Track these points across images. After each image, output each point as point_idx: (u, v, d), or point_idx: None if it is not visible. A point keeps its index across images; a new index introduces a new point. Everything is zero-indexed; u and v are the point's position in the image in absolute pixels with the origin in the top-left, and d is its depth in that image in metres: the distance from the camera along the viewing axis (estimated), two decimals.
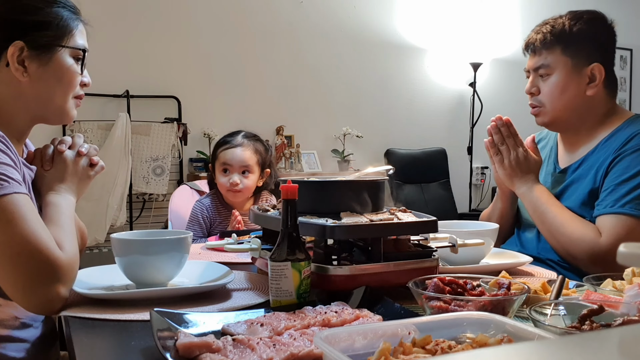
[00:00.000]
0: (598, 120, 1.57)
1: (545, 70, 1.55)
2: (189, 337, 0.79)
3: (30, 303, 1.03)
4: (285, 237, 1.01)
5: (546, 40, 1.54)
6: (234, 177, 2.05)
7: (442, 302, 0.88)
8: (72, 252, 1.08)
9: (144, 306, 1.01)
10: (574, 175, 1.56)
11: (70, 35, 1.19)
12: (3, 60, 1.14)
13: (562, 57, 1.53)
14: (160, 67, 3.84)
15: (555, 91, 1.54)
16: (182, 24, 3.90)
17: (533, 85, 1.59)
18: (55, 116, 1.23)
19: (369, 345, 0.70)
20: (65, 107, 1.22)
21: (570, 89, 1.54)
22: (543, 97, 1.57)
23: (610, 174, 1.47)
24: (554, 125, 1.62)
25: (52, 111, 1.21)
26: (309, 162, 4.23)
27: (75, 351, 0.84)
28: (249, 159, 2.08)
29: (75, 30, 1.20)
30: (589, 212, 1.49)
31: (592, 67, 1.53)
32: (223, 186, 2.08)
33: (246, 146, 2.09)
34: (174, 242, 1.14)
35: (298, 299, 1.00)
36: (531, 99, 1.60)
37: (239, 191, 2.06)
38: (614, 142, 1.51)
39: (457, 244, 1.22)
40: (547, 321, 0.85)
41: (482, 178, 4.93)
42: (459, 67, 4.78)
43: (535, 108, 1.60)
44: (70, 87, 1.21)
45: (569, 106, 1.55)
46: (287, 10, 4.24)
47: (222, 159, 2.08)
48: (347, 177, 1.26)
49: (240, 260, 1.47)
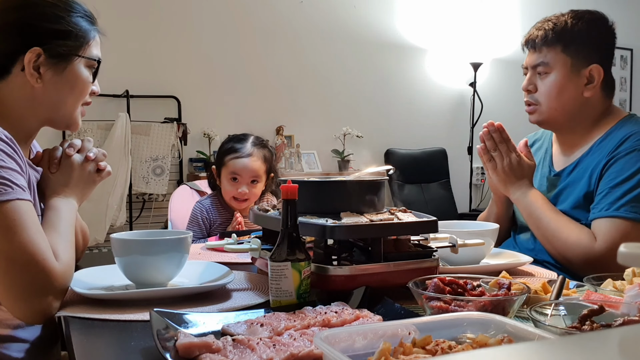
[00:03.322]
0: (593, 121, 1.56)
1: (544, 68, 1.54)
2: (188, 337, 0.79)
3: (21, 312, 1.03)
4: (285, 237, 1.01)
5: (547, 37, 1.53)
6: (243, 188, 2.02)
7: (442, 303, 0.87)
8: (66, 260, 1.08)
9: (144, 306, 1.01)
10: (569, 178, 1.55)
11: (87, 45, 1.20)
12: (19, 64, 1.15)
13: (562, 55, 1.52)
14: (160, 67, 3.84)
15: (553, 91, 1.53)
16: (182, 24, 3.90)
17: (530, 83, 1.57)
18: (64, 122, 1.24)
19: (369, 346, 0.70)
20: (74, 114, 1.23)
21: (568, 89, 1.53)
22: (540, 95, 1.56)
23: (604, 176, 1.45)
24: (548, 124, 1.61)
25: (61, 117, 1.22)
26: (309, 162, 4.23)
27: (75, 351, 0.83)
28: (259, 169, 2.05)
29: (92, 40, 1.21)
30: (584, 215, 1.48)
31: (591, 68, 1.52)
32: (229, 194, 2.05)
33: (256, 156, 2.05)
34: (174, 242, 1.14)
35: (298, 299, 1.00)
36: (527, 96, 1.59)
37: (245, 200, 2.04)
38: (608, 143, 1.50)
39: (457, 244, 1.22)
40: (548, 321, 0.85)
41: (482, 178, 4.93)
42: (459, 67, 4.78)
43: (530, 106, 1.58)
44: (82, 96, 1.23)
45: (565, 106, 1.54)
46: (287, 10, 4.24)
47: (232, 168, 2.04)
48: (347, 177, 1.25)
49: (240, 260, 1.47)
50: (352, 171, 4.04)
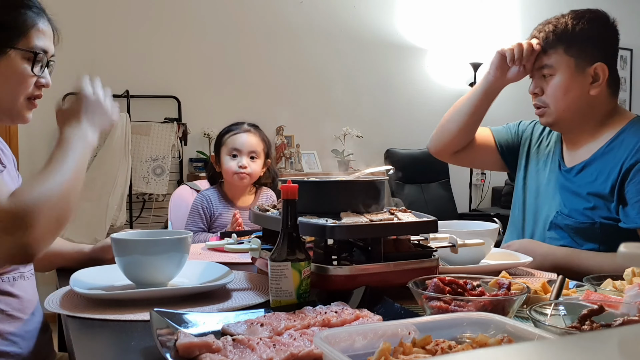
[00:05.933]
0: (601, 118, 1.56)
1: (548, 71, 1.54)
2: (189, 337, 0.79)
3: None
4: (285, 237, 1.01)
5: (549, 40, 1.53)
6: (243, 161, 2.10)
7: (442, 302, 0.88)
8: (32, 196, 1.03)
9: (144, 306, 1.01)
10: (579, 177, 1.55)
11: (25, 36, 1.16)
12: None
13: (565, 57, 1.52)
14: (160, 67, 3.84)
15: (559, 92, 1.53)
16: (182, 24, 3.90)
17: (537, 86, 1.58)
18: (6, 116, 1.21)
19: (369, 346, 0.70)
20: (15, 108, 1.20)
21: (573, 89, 1.53)
22: (547, 97, 1.56)
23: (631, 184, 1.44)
24: (558, 126, 1.61)
25: (1, 111, 1.20)
26: (309, 162, 4.22)
27: (75, 351, 0.84)
28: (257, 144, 2.16)
29: (32, 31, 1.17)
30: (595, 215, 1.48)
31: (596, 67, 1.51)
32: (230, 171, 2.11)
33: (253, 132, 2.19)
34: (174, 242, 1.14)
35: (298, 299, 1.00)
36: (535, 100, 1.59)
37: (246, 175, 2.11)
38: (622, 146, 1.49)
39: (457, 244, 1.22)
40: (547, 321, 0.85)
41: (482, 178, 4.92)
42: (459, 67, 4.78)
43: (539, 109, 1.59)
44: (20, 89, 1.18)
45: (572, 106, 1.54)
46: (287, 10, 4.24)
47: (231, 144, 2.14)
48: (347, 177, 1.25)
49: (240, 260, 1.47)
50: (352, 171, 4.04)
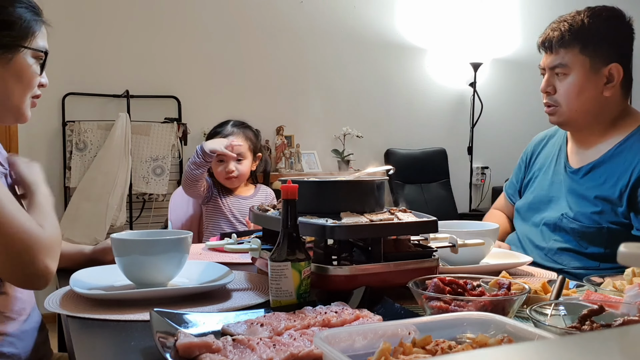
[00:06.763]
0: (611, 120, 1.53)
1: (562, 70, 1.50)
2: (189, 337, 0.79)
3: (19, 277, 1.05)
4: (285, 237, 1.01)
5: (564, 38, 1.49)
6: (230, 166, 2.15)
7: (442, 302, 0.88)
8: (51, 229, 1.10)
9: (144, 306, 1.01)
10: (586, 178, 1.52)
11: (33, 36, 1.18)
12: None
13: (580, 56, 1.48)
14: (160, 67, 3.83)
15: (573, 92, 1.49)
16: (182, 24, 3.90)
17: (549, 84, 1.54)
18: (11, 115, 1.23)
19: (369, 346, 0.70)
20: (22, 107, 1.22)
21: (588, 89, 1.49)
22: (559, 96, 1.52)
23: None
24: (568, 125, 1.57)
25: (7, 110, 1.21)
26: (309, 162, 4.22)
27: (75, 351, 0.84)
28: (241, 147, 2.18)
29: (38, 31, 1.19)
30: (602, 219, 1.46)
31: (611, 67, 1.48)
32: (220, 175, 2.17)
33: (236, 135, 2.20)
34: (174, 242, 1.14)
35: (298, 299, 1.00)
36: (546, 98, 1.55)
37: (235, 177, 2.16)
38: (632, 150, 1.47)
39: (457, 244, 1.22)
40: (547, 321, 0.85)
41: (482, 178, 4.92)
42: (459, 67, 4.78)
43: (550, 107, 1.55)
44: (29, 87, 1.21)
45: (585, 107, 1.50)
46: (287, 10, 4.23)
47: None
48: (347, 177, 1.25)
49: (240, 260, 1.47)
50: (352, 171, 4.04)
